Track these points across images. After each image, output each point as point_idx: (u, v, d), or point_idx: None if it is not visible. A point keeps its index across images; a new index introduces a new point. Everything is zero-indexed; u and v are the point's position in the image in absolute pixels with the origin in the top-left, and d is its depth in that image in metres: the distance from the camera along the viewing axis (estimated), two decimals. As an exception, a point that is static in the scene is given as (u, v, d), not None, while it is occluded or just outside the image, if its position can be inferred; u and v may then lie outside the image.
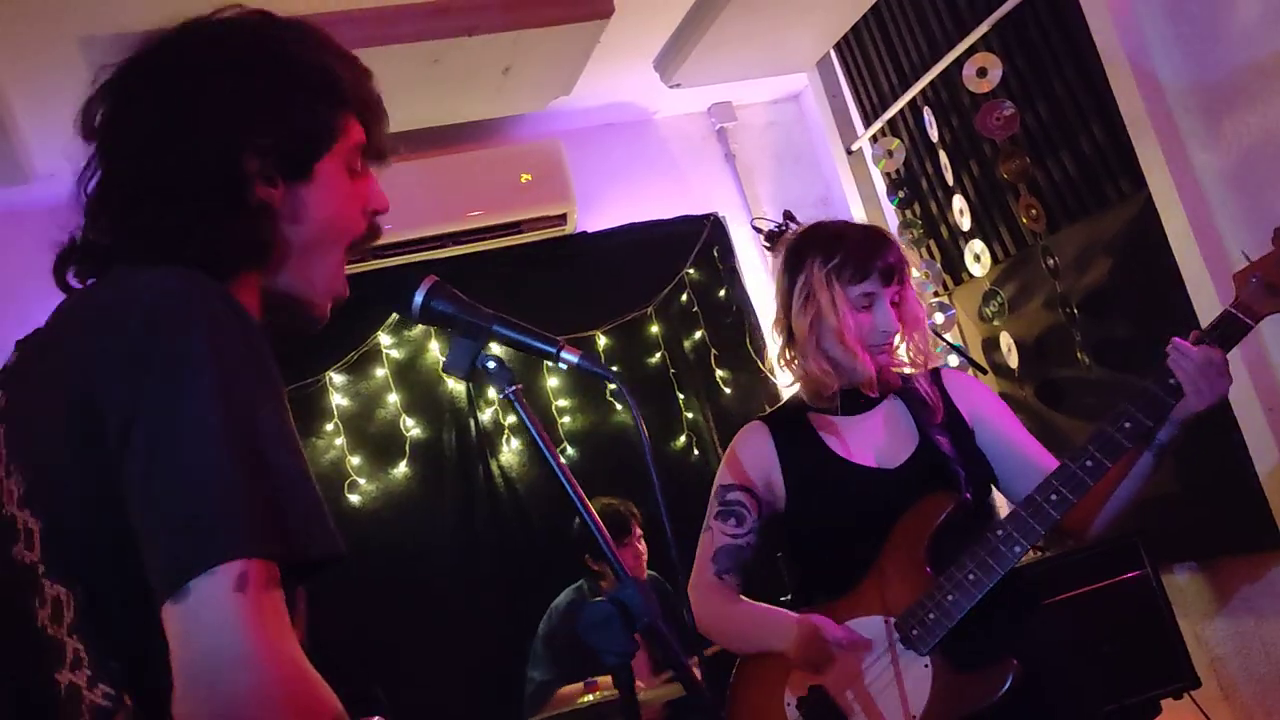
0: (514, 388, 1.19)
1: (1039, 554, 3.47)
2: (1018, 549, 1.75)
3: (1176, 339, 1.73)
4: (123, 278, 0.97)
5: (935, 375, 2.04)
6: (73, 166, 1.08)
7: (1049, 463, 1.92)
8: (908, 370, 2.01)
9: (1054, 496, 1.74)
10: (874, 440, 1.97)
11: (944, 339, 3.91)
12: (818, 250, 1.96)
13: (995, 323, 3.88)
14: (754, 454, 2.00)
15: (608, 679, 3.20)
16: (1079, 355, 3.50)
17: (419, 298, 1.19)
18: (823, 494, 1.96)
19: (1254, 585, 3.23)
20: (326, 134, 1.07)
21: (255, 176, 1.02)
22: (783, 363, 2.05)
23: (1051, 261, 3.51)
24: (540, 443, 1.18)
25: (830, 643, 1.82)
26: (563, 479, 1.17)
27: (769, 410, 2.11)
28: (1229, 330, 1.68)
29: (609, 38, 3.72)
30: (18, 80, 3.20)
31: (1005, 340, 3.83)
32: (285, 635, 0.80)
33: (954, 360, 3.90)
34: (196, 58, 1.05)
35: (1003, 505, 2.17)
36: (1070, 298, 3.51)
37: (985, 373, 3.91)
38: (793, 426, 2.01)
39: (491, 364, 1.20)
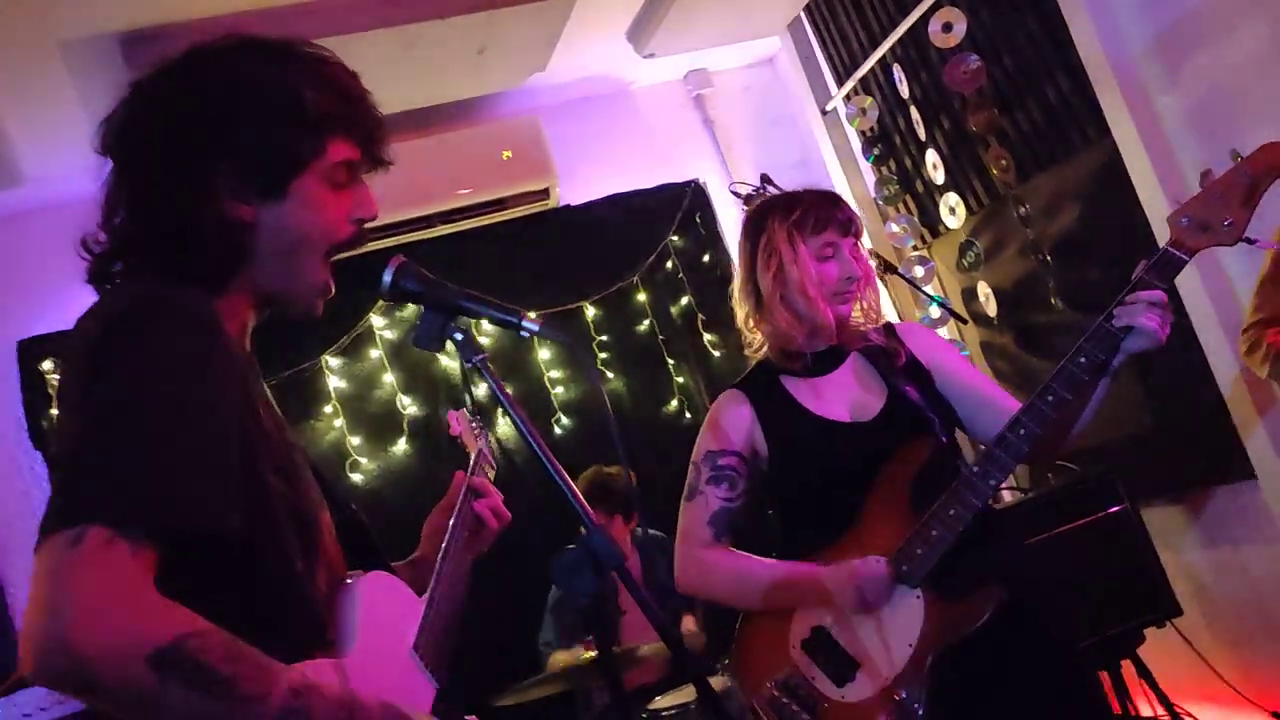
0: (480, 356, 1.28)
1: (1023, 494, 3.58)
2: (993, 482, 1.89)
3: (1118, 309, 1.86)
4: (104, 294, 1.16)
5: (889, 329, 2.15)
6: (63, 168, 1.21)
7: (1000, 396, 2.08)
8: (864, 327, 2.12)
9: (1022, 431, 1.88)
10: (845, 396, 2.07)
11: (924, 291, 3.99)
12: (777, 210, 2.08)
13: (973, 273, 3.96)
14: (735, 420, 2.09)
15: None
16: (1053, 300, 3.58)
17: (388, 276, 1.28)
18: (805, 452, 2.04)
19: (1229, 514, 3.32)
20: (297, 157, 1.20)
21: (225, 197, 1.17)
22: (750, 325, 2.13)
23: (1023, 210, 3.59)
24: (506, 404, 1.27)
25: (867, 578, 1.87)
26: (527, 435, 1.26)
27: (741, 377, 2.19)
28: (1167, 266, 1.81)
29: (581, 12, 3.78)
30: (1, 86, 3.27)
31: (983, 289, 3.91)
32: (109, 587, 0.93)
33: (935, 311, 3.98)
34: (176, 98, 1.19)
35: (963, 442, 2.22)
36: (1042, 244, 3.58)
37: (965, 322, 3.99)
38: (767, 390, 2.10)
39: (459, 335, 1.28)
